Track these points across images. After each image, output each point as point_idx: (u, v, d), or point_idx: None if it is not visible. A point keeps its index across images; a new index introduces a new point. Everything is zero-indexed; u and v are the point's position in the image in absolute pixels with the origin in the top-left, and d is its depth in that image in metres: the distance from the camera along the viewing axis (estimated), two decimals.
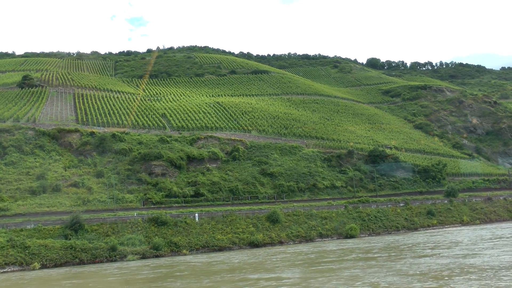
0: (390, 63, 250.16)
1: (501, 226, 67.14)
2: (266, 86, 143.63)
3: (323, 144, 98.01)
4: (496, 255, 37.88)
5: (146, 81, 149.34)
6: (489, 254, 39.25)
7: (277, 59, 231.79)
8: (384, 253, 44.23)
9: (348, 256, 43.78)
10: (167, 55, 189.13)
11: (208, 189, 78.88)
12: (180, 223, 56.53)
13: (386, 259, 39.95)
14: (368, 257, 42.16)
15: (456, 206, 72.70)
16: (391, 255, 42.30)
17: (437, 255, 40.43)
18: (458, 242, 50.05)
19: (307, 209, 61.86)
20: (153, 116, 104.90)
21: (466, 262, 35.84)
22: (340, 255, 44.66)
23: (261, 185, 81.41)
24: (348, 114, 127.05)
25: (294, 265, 40.67)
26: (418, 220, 65.45)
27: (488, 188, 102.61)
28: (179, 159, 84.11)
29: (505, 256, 36.91)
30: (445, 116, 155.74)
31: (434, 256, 40.27)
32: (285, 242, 56.72)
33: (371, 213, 63.58)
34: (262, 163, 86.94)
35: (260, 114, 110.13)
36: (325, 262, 41.06)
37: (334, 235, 58.88)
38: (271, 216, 58.65)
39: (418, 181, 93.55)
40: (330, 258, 43.05)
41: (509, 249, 41.75)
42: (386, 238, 57.43)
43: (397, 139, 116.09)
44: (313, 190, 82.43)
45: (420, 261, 37.46)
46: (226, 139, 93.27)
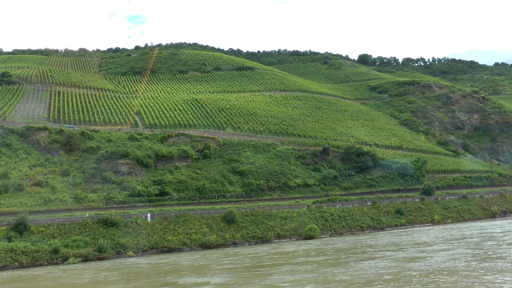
0: (382, 59, 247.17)
1: (472, 225, 64.83)
2: (249, 83, 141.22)
3: (299, 141, 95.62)
4: (439, 259, 35.62)
5: (129, 78, 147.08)
6: (435, 257, 37.02)
7: (267, 55, 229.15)
8: (332, 256, 42.01)
9: (294, 259, 41.56)
10: (153, 51, 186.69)
11: (174, 187, 76.69)
12: (131, 223, 54.33)
13: (328, 263, 37.75)
14: (312, 260, 39.93)
15: (428, 204, 70.24)
16: (337, 258, 40.07)
17: (382, 258, 38.21)
18: (417, 243, 47.80)
19: (267, 209, 59.57)
20: (127, 113, 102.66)
21: (406, 266, 33.61)
22: (286, 259, 42.43)
23: (230, 183, 79.14)
24: (330, 111, 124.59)
25: (233, 269, 38.47)
26: (385, 219, 63.04)
27: (470, 185, 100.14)
28: (146, 158, 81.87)
29: (447, 260, 34.65)
30: (432, 112, 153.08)
31: (380, 259, 38.04)
32: (239, 243, 54.49)
33: (335, 212, 61.23)
34: (233, 161, 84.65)
35: (238, 111, 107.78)
36: (266, 266, 38.85)
37: (293, 236, 56.61)
38: (227, 216, 56.40)
39: (396, 178, 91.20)
40: (274, 262, 40.84)
41: (460, 251, 39.50)
42: (347, 238, 55.18)
43: (379, 135, 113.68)
44: (284, 188, 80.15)
45: (360, 265, 35.26)
46: (198, 137, 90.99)
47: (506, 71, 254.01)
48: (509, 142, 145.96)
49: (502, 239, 47.20)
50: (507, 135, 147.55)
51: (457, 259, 34.85)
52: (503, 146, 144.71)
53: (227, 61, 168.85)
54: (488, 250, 39.12)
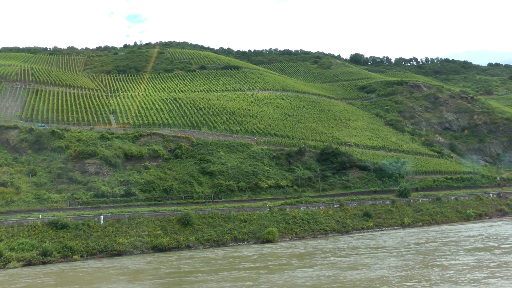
0: (374, 59, 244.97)
1: (442, 229, 62.92)
2: (233, 82, 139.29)
3: (275, 141, 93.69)
4: (382, 266, 33.75)
5: (112, 76, 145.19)
6: (379, 264, 35.16)
7: (257, 54, 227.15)
8: (278, 262, 40.16)
9: (237, 265, 39.68)
10: (140, 50, 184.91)
11: (141, 188, 74.80)
12: (82, 226, 52.47)
13: (268, 269, 35.89)
14: (254, 266, 38.07)
15: (399, 207, 68.24)
16: (282, 264, 38.21)
17: (325, 265, 36.32)
18: (374, 248, 45.93)
19: (226, 211, 57.62)
20: (102, 112, 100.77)
21: (342, 274, 31.75)
22: (230, 264, 40.57)
23: (199, 184, 77.24)
24: (313, 110, 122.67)
25: (163, 274, 36.64)
26: (352, 222, 61.04)
27: (451, 187, 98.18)
28: (115, 157, 79.97)
29: (387, 268, 32.78)
30: (419, 112, 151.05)
31: (323, 265, 36.19)
32: (193, 247, 52.62)
33: (298, 215, 59.27)
34: (204, 161, 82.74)
35: (216, 111, 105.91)
36: (201, 271, 37.03)
37: (251, 239, 54.71)
38: (183, 219, 54.52)
39: (373, 180, 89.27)
40: (214, 267, 38.98)
41: (408, 258, 37.61)
42: (307, 242, 53.29)
43: (361, 136, 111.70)
44: (255, 189, 78.19)
45: (297, 273, 33.47)
46: (171, 136, 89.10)
47: (499, 72, 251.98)
48: (496, 143, 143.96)
49: (461, 244, 45.31)
50: (495, 135, 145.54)
51: (398, 266, 32.97)
52: (491, 147, 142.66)
53: (214, 60, 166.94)
54: (437, 256, 37.23)
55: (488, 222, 69.86)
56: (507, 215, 77.70)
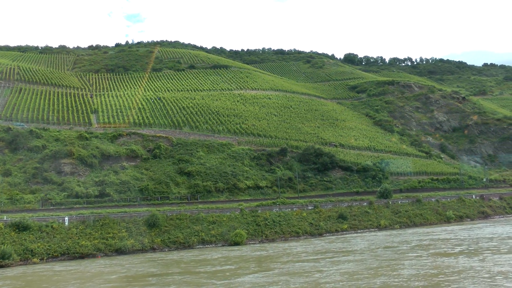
0: (368, 58, 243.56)
1: (418, 231, 61.64)
2: (221, 81, 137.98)
3: (257, 141, 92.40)
4: (331, 272, 32.50)
5: (100, 75, 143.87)
6: (332, 269, 33.91)
7: (250, 54, 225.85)
8: (232, 266, 38.88)
9: (193, 269, 38.46)
10: (130, 49, 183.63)
11: (116, 189, 73.55)
12: (46, 227, 51.11)
13: (215, 275, 34.67)
14: (204, 271, 36.84)
15: (376, 209, 66.81)
16: (235, 269, 36.94)
17: (274, 271, 35.02)
18: (343, 252, 44.64)
19: (195, 212, 56.27)
20: (83, 112, 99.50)
21: (287, 280, 30.47)
22: (182, 267, 39.34)
23: (176, 185, 76.01)
24: (300, 110, 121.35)
25: (113, 279, 35.41)
26: (325, 224, 59.65)
27: (436, 188, 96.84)
28: (91, 157, 78.72)
29: (337, 274, 31.53)
30: (410, 112, 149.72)
31: (273, 271, 34.96)
32: (158, 249, 51.33)
33: (270, 217, 57.91)
34: (183, 161, 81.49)
35: (199, 110, 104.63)
36: (152, 275, 35.77)
37: (219, 242, 53.38)
38: (149, 220, 53.20)
39: (356, 180, 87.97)
40: (166, 271, 37.76)
41: (366, 263, 36.34)
42: (277, 245, 52.01)
43: (347, 136, 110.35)
44: (233, 190, 76.97)
45: (240, 279, 32.25)
46: (151, 136, 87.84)
47: (494, 72, 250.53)
48: (487, 143, 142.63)
49: (430, 248, 44.03)
50: (485, 136, 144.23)
51: (350, 273, 31.71)
52: (482, 147, 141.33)
53: (203, 59, 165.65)
54: (397, 262, 35.97)
55: (468, 224, 68.58)
56: (490, 217, 76.39)
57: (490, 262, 32.22)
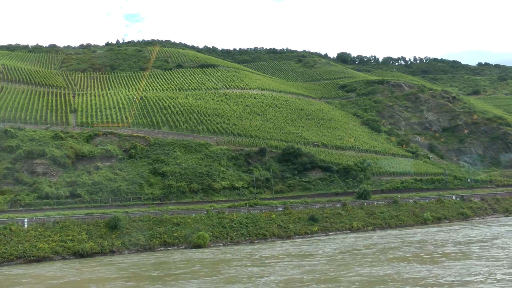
0: (361, 58, 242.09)
1: (390, 233, 60.25)
2: (208, 80, 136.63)
3: (236, 141, 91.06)
4: (265, 280, 31.17)
5: (87, 75, 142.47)
6: (271, 276, 32.60)
7: (242, 53, 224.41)
8: (187, 270, 37.56)
9: (144, 273, 37.15)
10: (120, 48, 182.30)
11: (88, 189, 72.25)
12: (4, 230, 49.77)
13: (151, 280, 33.38)
14: (153, 275, 35.51)
15: (350, 210, 65.38)
16: (177, 275, 35.59)
17: (220, 276, 33.74)
18: (304, 255, 43.31)
19: (159, 214, 54.97)
20: (62, 111, 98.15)
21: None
22: (132, 271, 38.03)
23: (149, 185, 74.68)
24: (285, 110, 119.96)
25: (57, 284, 34.11)
26: (295, 227, 58.25)
27: (420, 188, 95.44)
28: (64, 158, 77.38)
29: (269, 283, 30.20)
30: (399, 112, 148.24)
31: (216, 277, 33.63)
32: (118, 252, 49.98)
33: (237, 219, 56.53)
34: (158, 161, 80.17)
35: (181, 109, 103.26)
36: (96, 281, 34.45)
37: (182, 244, 52.05)
38: (111, 222, 51.87)
39: (336, 181, 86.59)
40: (113, 275, 36.43)
41: (293, 272, 35.00)
42: (241, 248, 50.68)
43: (331, 136, 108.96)
44: (207, 191, 75.65)
45: (172, 285, 30.85)
46: (128, 136, 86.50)
47: (488, 71, 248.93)
48: (477, 143, 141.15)
49: (393, 252, 42.65)
50: (475, 136, 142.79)
51: (285, 281, 30.35)
52: (471, 147, 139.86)
53: (191, 58, 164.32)
54: (349, 268, 34.64)
55: (445, 226, 67.17)
56: (469, 219, 74.97)
57: (439, 270, 30.84)
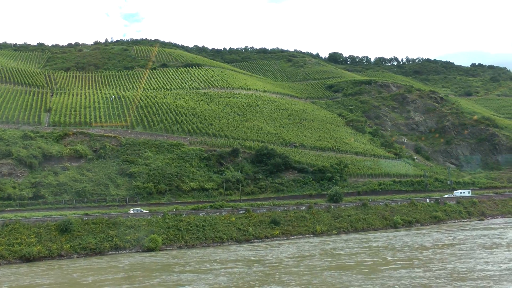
0: (353, 58, 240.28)
1: (354, 237, 58.75)
2: (190, 80, 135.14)
3: (211, 141, 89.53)
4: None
5: (70, 73, 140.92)
6: (198, 284, 31.15)
7: (232, 53, 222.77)
8: (115, 276, 36.09)
9: (82, 279, 35.74)
10: (106, 47, 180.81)
11: (52, 190, 70.74)
12: None
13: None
14: (62, 282, 34.06)
15: (315, 213, 63.83)
16: (97, 283, 34.13)
17: (146, 284, 32.28)
18: (248, 261, 41.88)
19: (114, 216, 53.51)
20: (36, 110, 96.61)
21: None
22: (66, 278, 36.61)
23: (116, 186, 73.20)
24: (267, 109, 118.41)
25: None
26: (254, 230, 56.69)
27: (398, 190, 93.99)
28: (31, 158, 75.86)
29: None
30: (385, 112, 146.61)
31: (139, 284, 32.18)
32: (66, 256, 48.57)
33: (194, 221, 55.05)
34: (127, 162, 78.68)
35: (158, 109, 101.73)
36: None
37: (134, 247, 50.61)
38: (62, 225, 50.44)
39: (310, 182, 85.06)
40: (42, 281, 35.01)
41: (219, 279, 33.53)
42: (194, 251, 49.22)
43: (312, 136, 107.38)
44: (175, 192, 74.17)
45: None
46: (99, 136, 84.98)
47: (481, 72, 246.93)
48: (464, 145, 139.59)
49: (339, 258, 41.20)
50: (462, 137, 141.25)
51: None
52: (458, 148, 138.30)
53: (177, 57, 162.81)
54: (278, 277, 33.19)
55: (415, 230, 65.64)
56: (442, 222, 73.43)
57: (367, 281, 29.35)
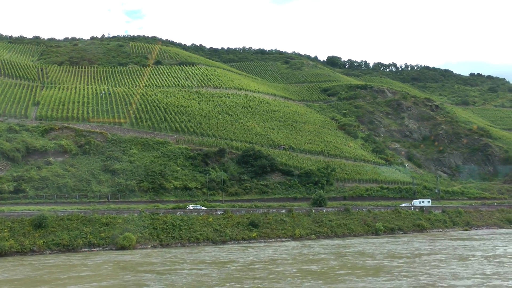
0: (352, 62, 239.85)
1: (332, 243, 58.02)
2: (184, 78, 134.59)
3: (198, 140, 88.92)
4: None
5: (63, 68, 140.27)
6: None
7: (229, 52, 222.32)
8: (72, 274, 35.33)
9: (41, 278, 35.02)
10: (102, 42, 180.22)
11: (34, 185, 70.06)
12: None
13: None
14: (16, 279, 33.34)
15: (295, 217, 63.15)
16: (53, 280, 33.32)
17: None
18: (220, 263, 41.15)
19: (89, 213, 52.86)
20: (24, 104, 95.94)
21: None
22: (26, 277, 35.89)
23: (98, 183, 72.52)
24: (259, 111, 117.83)
25: None
26: (232, 232, 56.06)
27: (385, 197, 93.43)
28: (14, 151, 75.14)
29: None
30: (379, 118, 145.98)
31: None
32: (39, 251, 47.88)
33: (170, 221, 54.44)
34: (112, 158, 78.02)
35: (147, 106, 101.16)
36: None
37: (107, 245, 49.94)
38: (36, 220, 49.78)
39: (296, 185, 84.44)
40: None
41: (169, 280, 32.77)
42: (168, 251, 48.49)
43: (302, 139, 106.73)
44: (158, 190, 73.53)
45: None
46: (85, 131, 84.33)
47: (480, 82, 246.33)
48: (457, 154, 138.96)
49: (309, 264, 40.50)
50: (455, 146, 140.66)
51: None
52: (450, 157, 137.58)
53: (172, 55, 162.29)
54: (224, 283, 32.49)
55: (396, 237, 64.97)
56: (426, 231, 72.74)
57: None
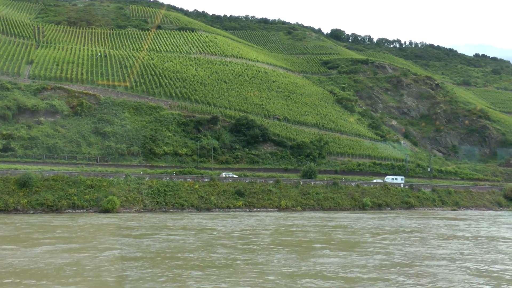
0: (356, 36, 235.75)
1: (316, 215, 58.23)
2: (183, 44, 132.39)
3: (192, 107, 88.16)
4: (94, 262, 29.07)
5: (61, 28, 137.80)
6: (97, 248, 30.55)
7: (232, 20, 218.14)
8: (52, 235, 35.49)
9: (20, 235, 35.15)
10: (102, 4, 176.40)
11: (23, 144, 69.79)
12: None
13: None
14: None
15: (283, 188, 63.24)
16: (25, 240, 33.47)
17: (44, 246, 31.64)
18: (187, 229, 41.32)
19: (75, 175, 52.86)
20: (16, 62, 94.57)
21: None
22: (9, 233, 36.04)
23: (88, 145, 72.24)
24: (256, 80, 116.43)
25: None
26: (217, 199, 56.25)
27: (377, 172, 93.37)
28: (4, 109, 74.49)
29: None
30: (378, 94, 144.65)
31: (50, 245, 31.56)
32: (22, 211, 48.13)
33: (156, 186, 54.51)
34: (103, 121, 77.48)
35: (142, 70, 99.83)
36: None
37: (91, 208, 50.17)
38: (21, 179, 49.79)
39: (287, 157, 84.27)
40: None
41: (146, 244, 32.89)
42: (152, 216, 48.71)
43: (298, 111, 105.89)
44: (148, 155, 73.34)
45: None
46: (77, 92, 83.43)
47: (484, 63, 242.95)
48: (454, 134, 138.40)
49: (283, 237, 40.67)
50: (453, 126, 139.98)
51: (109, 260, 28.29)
52: (447, 137, 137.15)
53: (172, 20, 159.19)
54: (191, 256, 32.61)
55: (382, 213, 65.25)
56: (414, 208, 73.08)
57: (295, 262, 28.74)
